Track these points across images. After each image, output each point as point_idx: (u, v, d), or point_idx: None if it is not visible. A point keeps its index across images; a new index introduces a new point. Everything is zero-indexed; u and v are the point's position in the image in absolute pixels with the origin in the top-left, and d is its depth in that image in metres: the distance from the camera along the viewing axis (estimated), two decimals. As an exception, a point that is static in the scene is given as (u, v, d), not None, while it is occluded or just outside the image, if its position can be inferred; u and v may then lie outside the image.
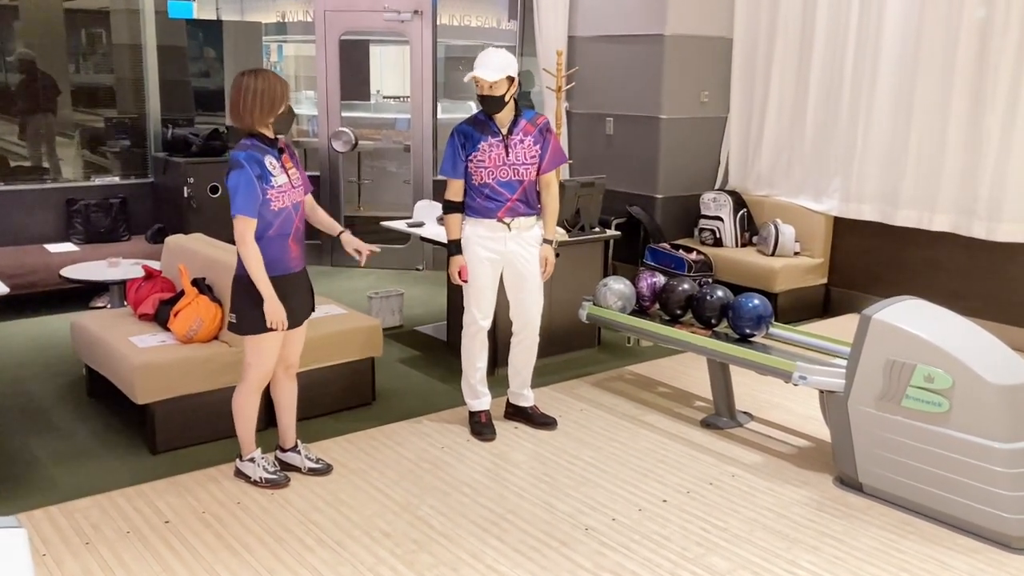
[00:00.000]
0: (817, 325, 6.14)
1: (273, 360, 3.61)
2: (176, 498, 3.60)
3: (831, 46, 6.44)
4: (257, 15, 9.14)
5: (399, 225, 5.72)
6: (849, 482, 3.78)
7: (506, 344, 5.06)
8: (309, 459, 3.85)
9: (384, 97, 10.67)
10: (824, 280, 6.70)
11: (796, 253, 6.58)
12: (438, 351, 5.56)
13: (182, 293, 4.31)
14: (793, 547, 3.32)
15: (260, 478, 3.70)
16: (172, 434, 4.07)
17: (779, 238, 6.49)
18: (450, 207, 4.15)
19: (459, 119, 10.16)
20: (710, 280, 6.08)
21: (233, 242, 3.58)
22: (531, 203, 4.17)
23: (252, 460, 3.73)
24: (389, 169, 9.43)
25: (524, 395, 4.46)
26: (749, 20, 6.90)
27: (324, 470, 3.83)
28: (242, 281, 3.51)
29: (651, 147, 6.80)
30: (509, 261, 4.18)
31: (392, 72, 10.85)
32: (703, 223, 6.87)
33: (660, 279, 4.75)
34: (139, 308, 4.52)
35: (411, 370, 5.22)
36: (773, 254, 6.49)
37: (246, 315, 3.51)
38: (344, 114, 7.68)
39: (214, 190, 6.58)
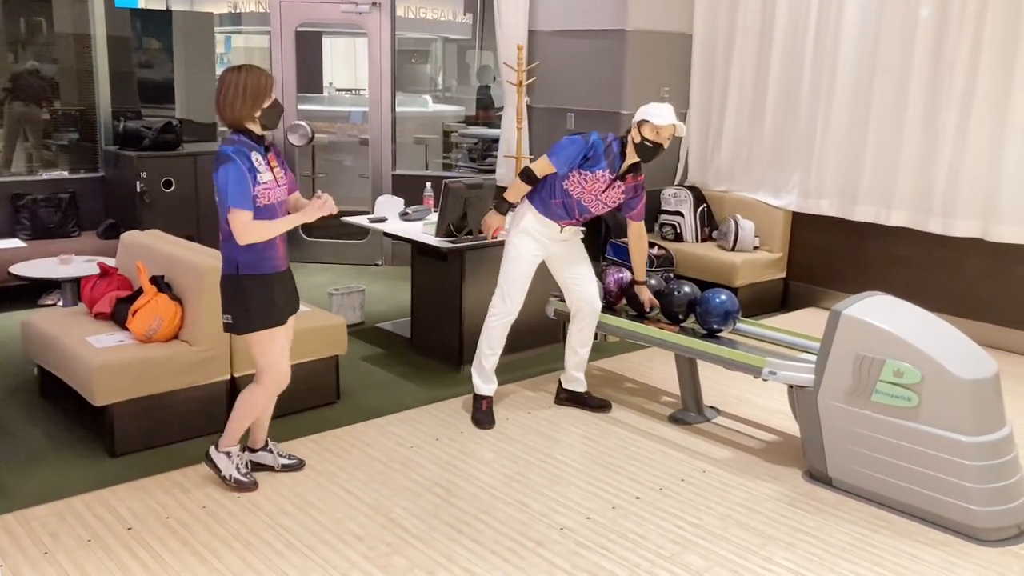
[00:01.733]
0: (777, 319, 6.20)
1: (281, 358, 3.52)
2: (138, 503, 3.49)
3: (790, 43, 6.50)
4: (208, 5, 8.94)
5: (361, 221, 5.63)
6: (819, 477, 3.81)
7: (474, 339, 5.03)
8: (282, 456, 3.78)
9: (337, 90, 10.54)
10: (783, 274, 6.76)
11: (756, 248, 6.63)
12: (401, 348, 5.48)
13: (140, 291, 4.18)
14: (768, 544, 3.33)
15: (229, 476, 3.61)
16: (132, 436, 3.94)
17: (739, 233, 6.53)
18: (530, 178, 4.21)
19: (415, 113, 9.91)
20: (672, 275, 6.11)
21: (191, 239, 3.50)
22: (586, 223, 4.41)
23: (228, 454, 3.63)
24: (344, 163, 9.30)
25: (579, 379, 4.57)
26: (709, 16, 6.93)
27: (297, 466, 3.78)
28: (231, 280, 3.41)
29: (612, 142, 6.78)
30: (553, 254, 4.35)
31: (344, 64, 10.72)
32: (664, 218, 6.89)
33: (626, 275, 4.74)
34: (95, 307, 4.37)
35: (375, 368, 5.14)
36: (733, 249, 6.53)
37: (241, 314, 3.42)
38: (298, 107, 7.55)
39: (168, 185, 6.42)
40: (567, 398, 4.60)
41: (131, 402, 3.90)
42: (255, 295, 3.40)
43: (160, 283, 4.18)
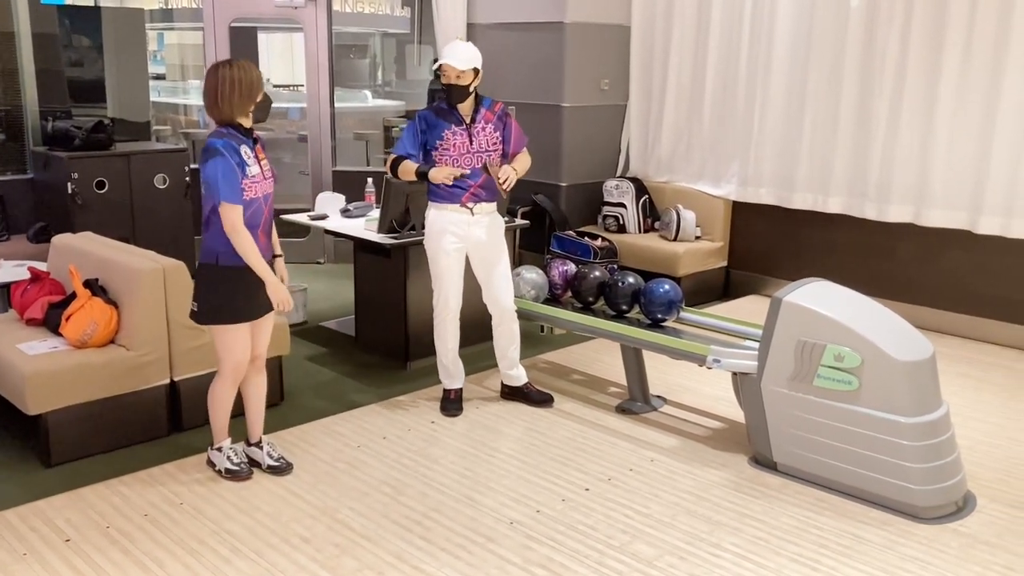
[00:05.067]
0: (719, 307, 6.27)
1: (243, 351, 3.55)
2: (77, 514, 3.39)
3: (726, 34, 6.56)
4: (138, 1, 8.71)
5: (301, 218, 5.55)
6: (764, 462, 3.86)
7: (419, 335, 4.99)
8: (271, 456, 3.77)
9: (274, 86, 10.37)
10: (724, 263, 6.84)
11: (697, 237, 6.69)
12: (346, 346, 5.42)
13: (73, 295, 4.06)
14: (716, 530, 3.36)
15: (222, 468, 3.67)
16: (68, 445, 3.83)
17: (680, 223, 6.59)
18: (397, 161, 4.17)
19: (354, 108, 9.83)
20: (616, 266, 6.14)
21: (126, 241, 3.43)
22: (492, 190, 4.26)
23: (219, 449, 3.69)
24: (284, 160, 9.17)
25: (515, 375, 4.54)
26: (646, 8, 6.96)
27: (284, 468, 3.76)
28: (206, 269, 3.45)
29: (554, 135, 6.80)
30: (474, 247, 4.29)
31: (281, 60, 10.55)
32: (606, 210, 6.92)
33: (572, 267, 4.75)
34: (26, 312, 4.24)
35: (319, 368, 5.07)
36: (675, 239, 6.59)
37: (206, 304, 3.47)
38: (236, 104, 7.41)
39: (100, 185, 6.24)
40: (509, 393, 4.59)
41: (66, 410, 3.79)
42: (228, 287, 3.44)
43: (94, 287, 4.07)
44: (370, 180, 5.92)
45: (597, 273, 4.61)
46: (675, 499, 3.59)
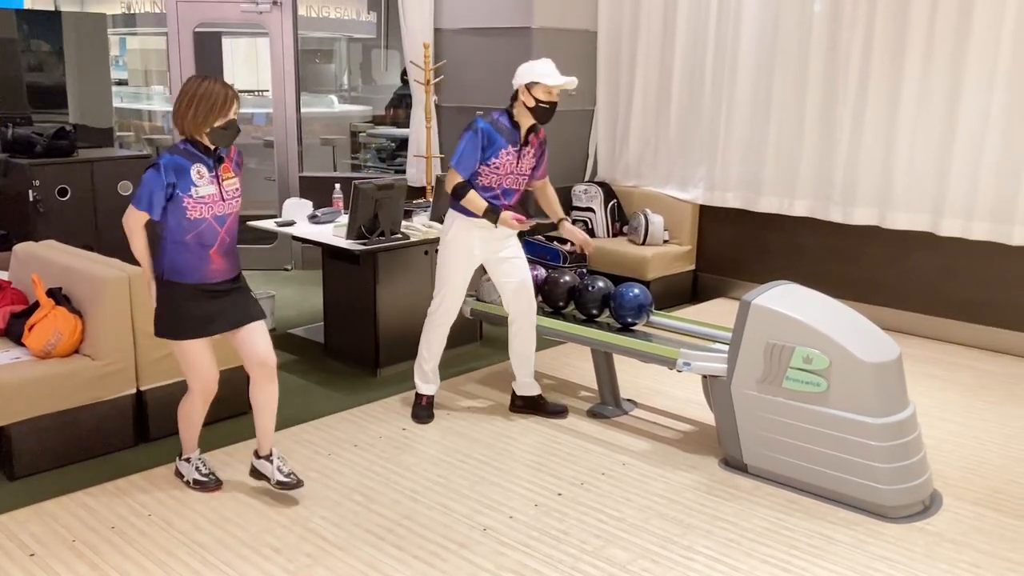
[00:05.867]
0: (688, 310, 6.31)
1: (206, 367, 3.47)
2: (41, 527, 3.33)
3: (692, 39, 6.62)
4: (100, 6, 8.61)
5: (268, 225, 5.50)
6: (735, 464, 3.88)
7: (389, 342, 4.97)
8: (281, 471, 3.56)
9: (239, 91, 10.30)
10: (692, 267, 6.89)
11: (665, 241, 6.73)
12: (315, 354, 5.38)
13: (36, 305, 3.99)
14: (688, 533, 3.37)
15: (190, 480, 3.64)
16: (32, 458, 3.76)
17: (649, 227, 6.63)
18: (464, 187, 4.09)
19: (320, 113, 9.72)
20: (586, 271, 6.16)
21: (89, 248, 3.39)
22: (517, 209, 4.25)
23: (188, 460, 3.67)
24: (249, 166, 9.09)
25: (530, 383, 4.47)
26: (612, 13, 7.00)
27: (294, 484, 3.54)
28: (160, 282, 3.40)
29: (522, 140, 6.80)
30: (495, 259, 4.27)
31: (246, 65, 10.48)
32: (575, 214, 6.94)
33: (541, 272, 4.75)
34: (-13, 323, 4.16)
35: (288, 375, 5.03)
36: (644, 243, 6.62)
37: (160, 318, 3.42)
38: (201, 110, 7.33)
39: (63, 193, 6.15)
40: (523, 405, 4.50)
41: (30, 421, 3.72)
42: (176, 303, 3.38)
43: (57, 296, 4.00)
44: (338, 186, 5.88)
45: (567, 278, 4.62)
46: (647, 503, 3.60)
